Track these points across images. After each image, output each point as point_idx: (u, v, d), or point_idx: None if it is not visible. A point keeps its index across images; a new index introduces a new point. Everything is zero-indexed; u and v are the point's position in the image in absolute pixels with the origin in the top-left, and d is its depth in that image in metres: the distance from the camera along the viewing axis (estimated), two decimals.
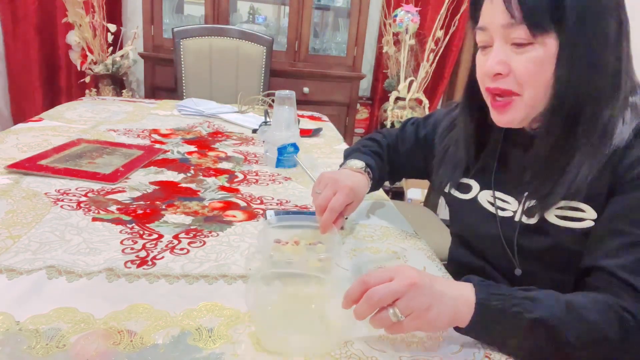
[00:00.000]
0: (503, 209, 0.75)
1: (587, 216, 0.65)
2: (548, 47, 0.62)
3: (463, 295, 0.56)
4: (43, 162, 1.04)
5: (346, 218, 0.83)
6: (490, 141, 0.79)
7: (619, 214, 0.62)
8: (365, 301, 0.53)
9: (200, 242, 0.78)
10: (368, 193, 0.91)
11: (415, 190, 2.74)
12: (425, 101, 2.83)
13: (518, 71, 0.64)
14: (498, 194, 0.76)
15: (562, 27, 0.61)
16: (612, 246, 0.61)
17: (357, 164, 0.89)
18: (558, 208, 0.66)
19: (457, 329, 0.57)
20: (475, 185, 0.80)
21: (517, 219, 0.72)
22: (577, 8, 0.60)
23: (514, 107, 0.66)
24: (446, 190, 0.84)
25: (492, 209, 0.76)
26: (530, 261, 0.71)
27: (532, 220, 0.69)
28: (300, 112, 1.74)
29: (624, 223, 0.60)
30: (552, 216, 0.67)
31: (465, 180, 0.81)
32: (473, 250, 0.81)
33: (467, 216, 0.81)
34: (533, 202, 0.69)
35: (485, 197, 0.78)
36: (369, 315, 0.54)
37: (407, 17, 2.61)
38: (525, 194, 0.71)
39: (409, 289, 0.53)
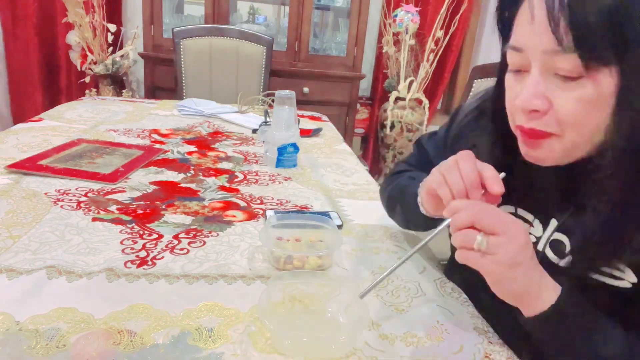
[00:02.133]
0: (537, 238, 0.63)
1: (625, 277, 0.54)
2: (603, 83, 0.48)
3: (552, 283, 0.53)
4: (43, 162, 1.04)
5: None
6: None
7: None
8: (471, 207, 0.52)
9: (200, 242, 0.78)
10: None
11: None
12: (425, 101, 2.83)
13: (562, 110, 0.51)
14: (520, 212, 0.65)
15: (623, 60, 0.47)
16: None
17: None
18: None
19: (521, 319, 0.54)
20: None
21: (540, 247, 0.62)
22: None
23: (548, 146, 0.54)
24: None
25: None
26: None
27: (561, 262, 0.59)
28: (300, 112, 1.74)
29: None
30: None
31: None
32: (470, 280, 0.68)
33: None
34: (561, 237, 0.60)
35: None
36: (463, 219, 0.51)
37: (407, 17, 2.61)
38: (554, 220, 0.61)
39: (512, 236, 0.50)
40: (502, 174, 0.57)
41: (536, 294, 0.52)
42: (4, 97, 2.70)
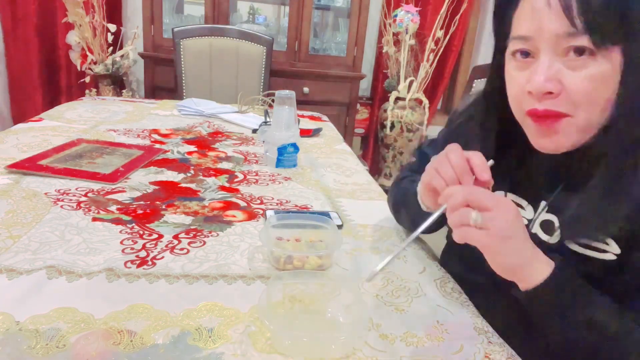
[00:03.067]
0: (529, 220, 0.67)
1: (609, 249, 0.58)
2: (612, 62, 0.53)
3: (544, 257, 0.56)
4: (43, 162, 1.04)
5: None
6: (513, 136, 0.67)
7: None
8: (464, 189, 0.56)
9: (200, 242, 0.78)
10: None
11: None
12: (425, 101, 2.83)
13: (574, 89, 0.54)
14: (510, 196, 0.69)
15: (629, 39, 0.52)
16: (628, 281, 0.57)
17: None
18: None
19: (516, 291, 0.57)
20: None
21: (532, 229, 0.65)
22: None
23: (564, 131, 0.56)
24: None
25: None
26: None
27: (550, 239, 0.63)
28: (300, 112, 1.74)
29: None
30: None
31: None
32: (468, 262, 0.73)
33: None
34: (551, 217, 0.63)
35: None
36: (458, 199, 0.54)
37: (407, 17, 2.61)
38: (543, 202, 0.64)
39: (503, 211, 0.53)
40: (491, 162, 0.60)
41: (530, 266, 0.55)
42: (4, 97, 2.70)
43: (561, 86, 0.54)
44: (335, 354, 0.54)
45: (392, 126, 2.83)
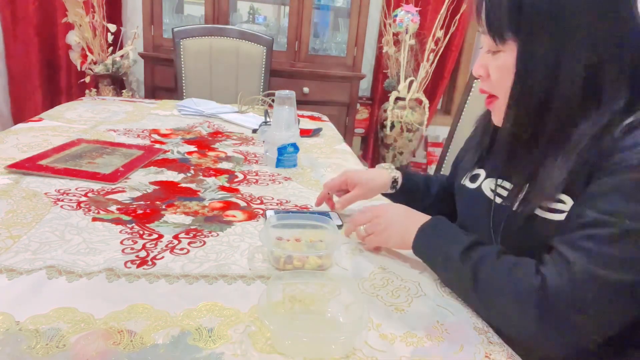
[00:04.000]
0: (503, 197, 0.73)
1: (565, 208, 0.63)
2: (509, 54, 0.65)
3: (418, 222, 0.74)
4: (43, 162, 1.04)
5: (340, 226, 0.89)
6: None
7: (582, 201, 0.61)
8: (350, 222, 0.83)
9: (200, 242, 0.78)
10: (391, 196, 0.98)
11: None
12: (425, 101, 2.83)
13: (492, 76, 0.69)
14: (500, 181, 0.75)
15: (520, 37, 0.63)
16: (566, 227, 0.61)
17: (391, 166, 0.99)
18: None
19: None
20: (482, 173, 0.80)
21: (514, 207, 0.70)
22: (533, 16, 0.61)
23: (495, 108, 0.72)
24: (462, 182, 0.84)
25: (492, 196, 0.75)
26: (511, 249, 0.67)
27: (519, 209, 0.69)
28: (300, 112, 1.74)
29: (582, 207, 0.60)
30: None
31: (476, 171, 0.82)
32: None
33: (467, 205, 0.82)
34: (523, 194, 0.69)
35: (488, 185, 0.77)
36: (350, 228, 0.83)
37: (407, 17, 2.61)
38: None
39: (374, 218, 0.78)
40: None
41: (408, 235, 0.74)
42: (4, 97, 2.70)
43: (487, 73, 0.70)
44: (335, 354, 0.54)
45: (392, 126, 2.83)
